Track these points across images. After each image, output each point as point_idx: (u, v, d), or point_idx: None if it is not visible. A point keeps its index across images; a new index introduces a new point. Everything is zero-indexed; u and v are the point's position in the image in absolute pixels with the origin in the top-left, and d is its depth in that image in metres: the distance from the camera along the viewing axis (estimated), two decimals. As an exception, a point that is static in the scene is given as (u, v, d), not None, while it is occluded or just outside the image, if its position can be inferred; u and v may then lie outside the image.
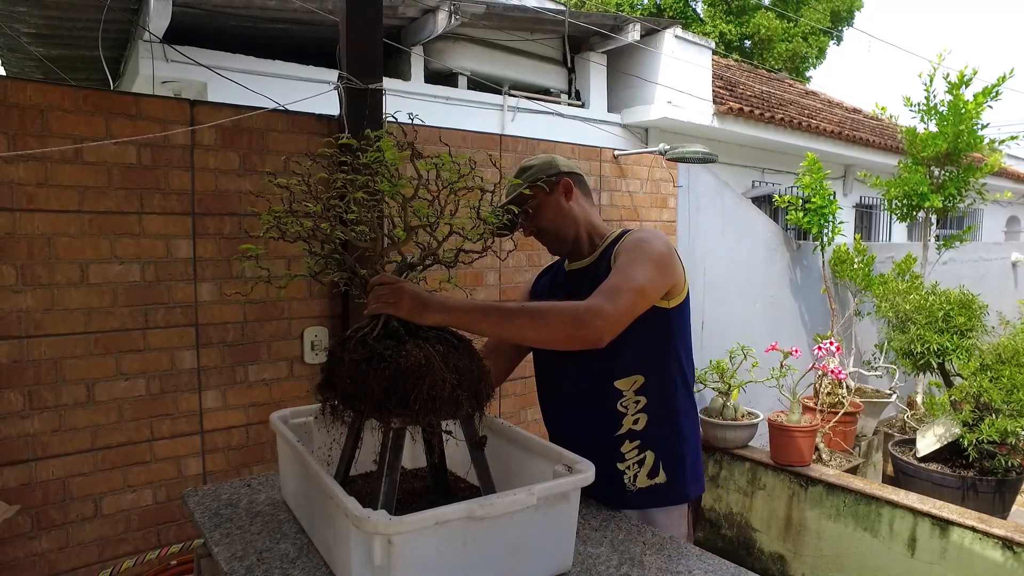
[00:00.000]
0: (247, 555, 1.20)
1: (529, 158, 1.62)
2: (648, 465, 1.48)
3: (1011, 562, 2.43)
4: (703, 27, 14.41)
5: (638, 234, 1.49)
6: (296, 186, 1.16)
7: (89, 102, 2.15)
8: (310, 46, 4.86)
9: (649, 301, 1.39)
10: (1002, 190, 6.86)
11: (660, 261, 1.42)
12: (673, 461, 1.50)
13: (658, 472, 1.49)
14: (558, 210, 1.55)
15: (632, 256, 1.41)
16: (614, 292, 1.31)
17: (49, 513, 2.14)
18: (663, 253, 1.43)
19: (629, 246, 1.45)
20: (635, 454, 1.48)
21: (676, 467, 1.50)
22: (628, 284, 1.33)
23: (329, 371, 1.22)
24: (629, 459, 1.48)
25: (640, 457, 1.48)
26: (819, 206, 5.00)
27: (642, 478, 1.49)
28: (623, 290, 1.31)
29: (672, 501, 1.50)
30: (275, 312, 2.54)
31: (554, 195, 1.54)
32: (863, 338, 5.42)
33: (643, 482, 1.48)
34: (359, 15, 2.51)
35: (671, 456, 1.50)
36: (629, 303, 1.31)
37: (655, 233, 1.50)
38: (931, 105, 5.32)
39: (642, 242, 1.45)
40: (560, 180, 1.55)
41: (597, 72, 6.61)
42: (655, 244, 1.44)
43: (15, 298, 2.05)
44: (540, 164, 1.57)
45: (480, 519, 1.04)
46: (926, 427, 3.59)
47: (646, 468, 1.48)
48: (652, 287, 1.38)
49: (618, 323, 1.29)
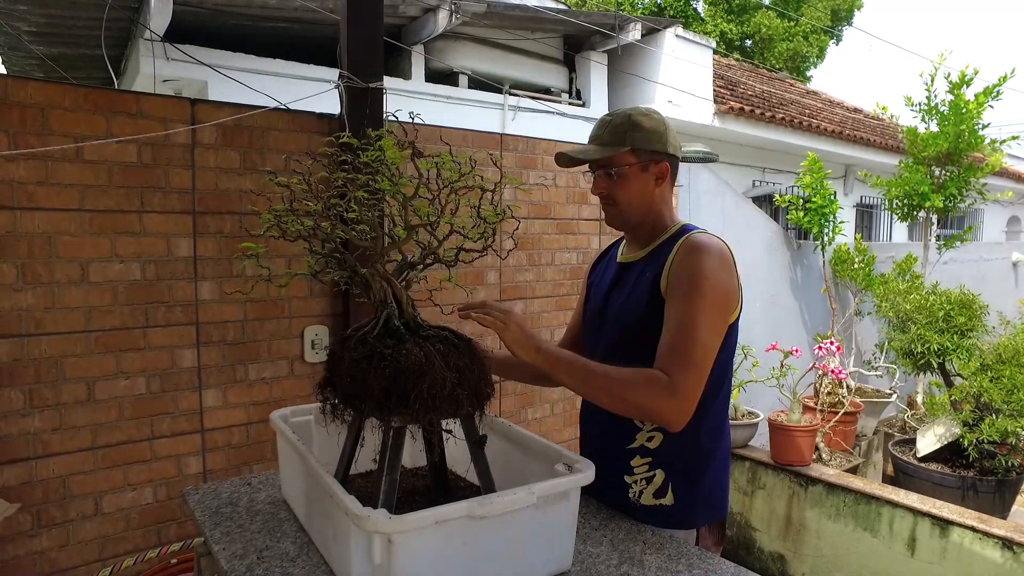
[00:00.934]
0: (247, 554, 1.20)
1: (642, 112, 1.42)
2: (656, 484, 1.39)
3: (1011, 562, 2.43)
4: (704, 26, 14.40)
5: (697, 254, 1.33)
6: (297, 185, 1.16)
7: (90, 101, 2.15)
8: (311, 45, 4.86)
9: (715, 354, 1.32)
10: (1003, 190, 6.86)
11: (723, 301, 1.32)
12: (686, 484, 1.39)
13: (666, 493, 1.39)
14: (641, 190, 1.41)
15: (692, 297, 1.29)
16: (687, 365, 1.25)
17: (49, 511, 2.14)
18: (721, 288, 1.31)
19: (687, 273, 1.31)
20: (644, 470, 1.40)
21: (688, 490, 1.39)
22: (697, 354, 1.26)
23: (329, 370, 1.22)
24: (637, 474, 1.40)
25: (649, 474, 1.40)
26: (820, 206, 5.00)
27: (647, 496, 1.40)
28: (695, 363, 1.25)
29: (678, 525, 1.39)
30: (275, 311, 2.54)
31: (647, 173, 1.41)
32: (863, 338, 5.42)
33: (648, 500, 1.40)
34: (360, 14, 2.51)
35: (685, 478, 1.39)
36: (702, 377, 1.28)
37: (711, 251, 1.33)
38: (932, 105, 5.31)
39: (702, 272, 1.30)
40: (661, 162, 1.41)
41: (598, 71, 6.61)
42: (713, 276, 1.31)
43: (16, 296, 2.05)
44: (651, 129, 1.40)
45: (480, 518, 1.04)
46: (926, 427, 3.59)
47: (653, 487, 1.39)
48: (715, 343, 1.32)
49: (694, 403, 1.27)
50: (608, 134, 1.41)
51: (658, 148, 1.40)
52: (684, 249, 1.35)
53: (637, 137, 1.39)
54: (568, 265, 3.52)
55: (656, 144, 1.40)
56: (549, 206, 3.42)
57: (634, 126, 1.39)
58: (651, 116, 1.43)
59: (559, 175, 3.45)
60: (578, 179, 3.55)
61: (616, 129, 1.40)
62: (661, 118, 1.44)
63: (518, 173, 3.25)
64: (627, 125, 1.39)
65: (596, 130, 1.45)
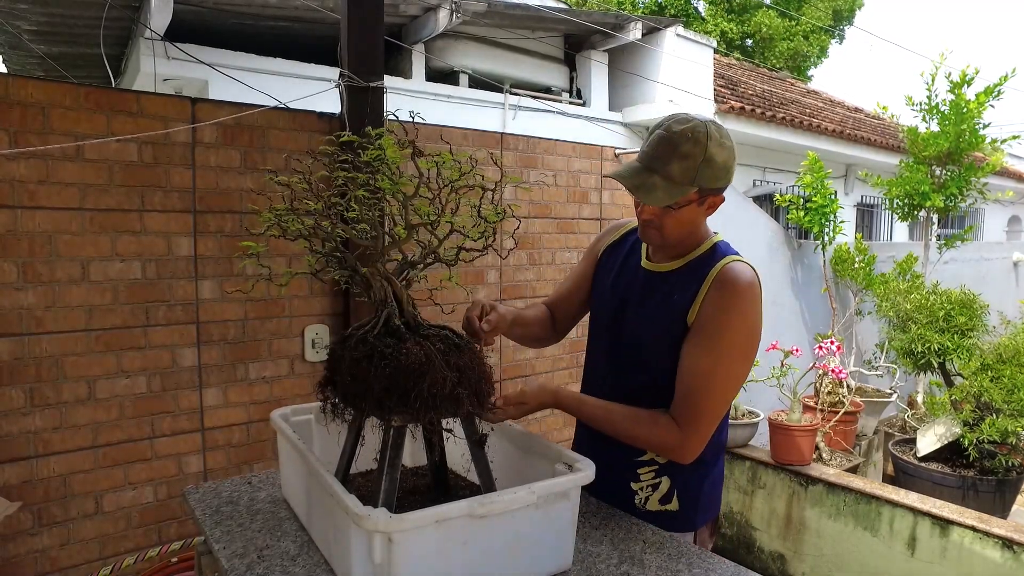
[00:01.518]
0: (248, 552, 1.20)
1: (716, 142, 1.27)
2: (662, 491, 1.42)
3: (1011, 562, 2.43)
4: (704, 25, 14.40)
5: (731, 295, 1.29)
6: (297, 184, 1.16)
7: (90, 99, 2.15)
8: (311, 44, 4.86)
9: (732, 400, 1.39)
10: (1004, 189, 6.86)
11: (750, 348, 1.32)
12: (689, 490, 1.43)
13: (671, 499, 1.42)
14: (691, 219, 1.34)
15: (719, 346, 1.28)
16: (700, 416, 1.30)
17: (50, 510, 2.14)
18: (752, 333, 1.32)
19: (718, 316, 1.29)
20: (650, 477, 1.42)
21: (692, 495, 1.43)
22: (713, 406, 1.30)
23: (330, 369, 1.22)
24: (644, 481, 1.42)
25: (655, 482, 1.42)
26: (820, 205, 5.00)
27: (653, 502, 1.42)
28: (708, 415, 1.31)
29: (679, 528, 1.42)
30: (276, 310, 2.54)
31: (703, 206, 1.33)
32: (864, 337, 5.42)
33: (653, 506, 1.42)
34: (360, 13, 2.51)
35: (688, 486, 1.42)
36: (714, 424, 1.34)
37: (745, 292, 1.30)
38: (933, 104, 5.31)
39: (733, 319, 1.29)
40: (719, 195, 1.34)
41: (598, 70, 6.60)
42: (744, 324, 1.30)
43: (16, 295, 2.05)
44: (722, 165, 1.28)
45: (480, 517, 1.04)
46: (926, 427, 3.59)
47: (659, 493, 1.42)
48: (734, 393, 1.37)
49: (703, 446, 1.34)
50: (677, 169, 1.26)
51: (721, 184, 1.31)
52: (719, 285, 1.30)
53: (707, 176, 1.27)
54: (568, 264, 3.52)
55: (721, 180, 1.30)
56: (549, 205, 3.42)
57: (708, 162, 1.26)
58: (724, 145, 1.28)
59: (559, 175, 3.46)
60: (578, 179, 3.55)
61: (688, 165, 1.26)
62: (732, 145, 1.31)
63: (518, 172, 3.25)
64: (700, 160, 1.25)
65: (661, 154, 1.27)
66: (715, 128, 1.29)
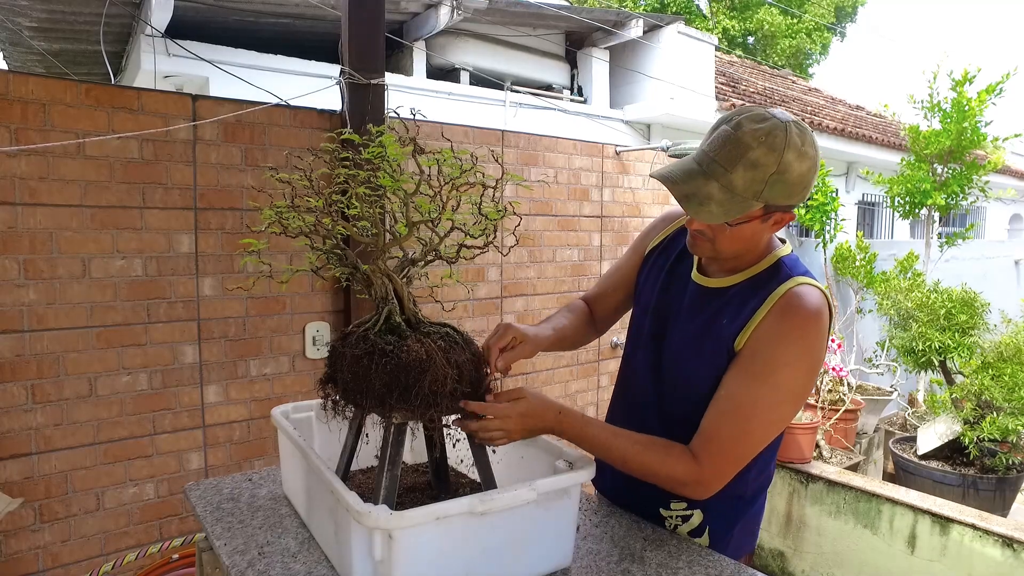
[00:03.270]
0: (248, 549, 1.21)
1: (795, 145, 1.04)
2: (692, 525, 1.29)
3: (1011, 560, 2.43)
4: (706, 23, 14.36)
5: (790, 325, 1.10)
6: (298, 181, 1.16)
7: (91, 96, 2.15)
8: (312, 41, 4.86)
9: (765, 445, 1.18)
10: (1005, 188, 6.85)
11: (802, 391, 1.14)
12: (723, 527, 1.29)
13: (702, 534, 1.29)
14: (752, 235, 1.14)
15: (762, 384, 1.10)
16: (725, 457, 1.12)
17: (52, 506, 2.15)
18: (808, 373, 1.13)
19: (767, 351, 1.11)
20: (681, 508, 1.29)
21: (725, 534, 1.29)
22: (741, 449, 1.13)
23: (331, 366, 1.22)
24: (674, 511, 1.30)
25: (687, 514, 1.29)
26: (821, 203, 4.99)
27: (682, 532, 1.31)
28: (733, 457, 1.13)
29: None
30: (277, 307, 2.54)
31: (766, 224, 1.12)
32: (865, 335, 5.42)
33: (682, 534, 1.31)
34: (361, 10, 2.51)
35: (721, 523, 1.29)
36: (739, 467, 1.15)
37: (808, 324, 1.10)
38: (935, 102, 5.30)
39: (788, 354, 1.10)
40: (787, 213, 1.12)
41: (599, 68, 6.59)
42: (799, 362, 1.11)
43: (18, 292, 2.05)
44: (797, 180, 1.06)
45: (481, 514, 1.04)
46: (927, 425, 3.59)
47: (689, 526, 1.30)
48: (770, 438, 1.17)
49: (721, 485, 1.16)
50: (742, 179, 1.04)
51: (793, 201, 1.09)
52: (779, 310, 1.11)
53: (778, 192, 1.06)
54: (569, 262, 3.52)
55: (795, 198, 1.08)
56: (550, 203, 3.42)
57: (782, 175, 1.04)
58: (806, 155, 1.05)
59: (560, 172, 3.45)
60: (579, 176, 3.55)
61: (756, 176, 1.04)
62: (816, 154, 1.07)
63: (519, 170, 3.25)
64: (772, 171, 1.04)
65: (725, 156, 1.05)
66: (798, 132, 1.05)
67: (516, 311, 3.32)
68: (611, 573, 1.15)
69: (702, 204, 1.07)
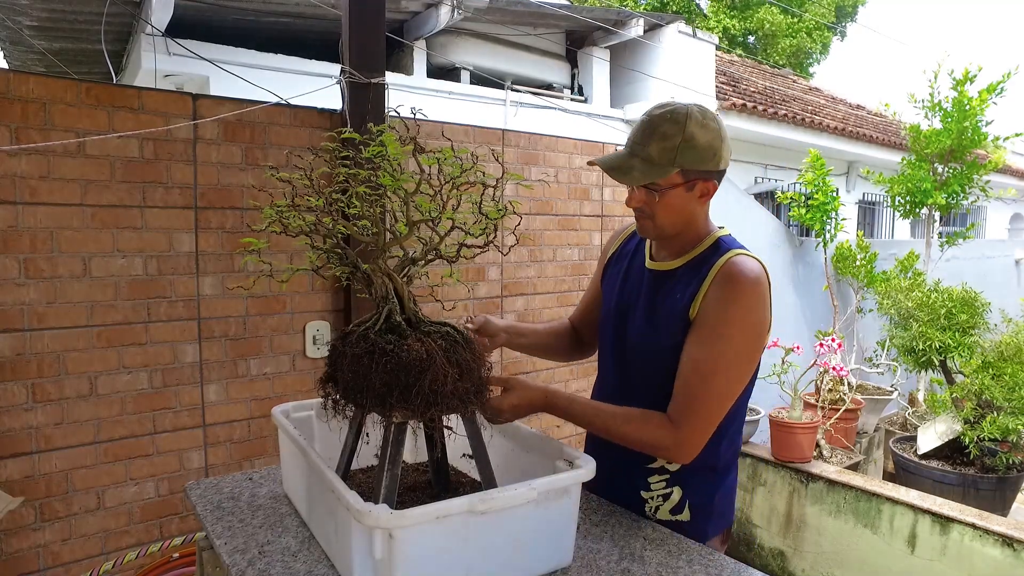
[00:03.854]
0: (249, 548, 1.21)
1: (698, 122, 1.24)
2: (673, 501, 1.38)
3: (1011, 559, 2.43)
4: (707, 22, 14.35)
5: (734, 290, 1.24)
6: (298, 180, 1.16)
7: (92, 95, 2.15)
8: (312, 40, 4.86)
9: (733, 400, 1.30)
10: (1006, 187, 6.84)
11: (749, 351, 1.26)
12: (701, 500, 1.38)
13: (683, 510, 1.38)
14: (682, 206, 1.30)
15: (719, 343, 1.23)
16: (696, 415, 1.24)
17: (52, 505, 2.15)
18: (757, 330, 1.26)
19: (720, 311, 1.24)
20: (661, 487, 1.38)
21: (704, 506, 1.38)
22: (711, 405, 1.25)
23: (331, 365, 1.22)
24: (654, 490, 1.39)
25: (666, 491, 1.38)
26: (822, 202, 4.99)
27: (664, 512, 1.39)
28: (705, 414, 1.25)
29: (692, 539, 1.36)
30: (277, 306, 2.54)
31: (692, 192, 1.29)
32: (865, 335, 5.42)
33: (664, 516, 1.39)
34: (362, 9, 2.51)
35: (700, 496, 1.38)
36: (712, 424, 1.26)
37: (748, 287, 1.24)
38: (935, 102, 5.30)
39: (736, 314, 1.24)
40: (709, 180, 1.29)
41: (600, 67, 6.59)
42: (746, 319, 1.24)
43: (18, 291, 2.06)
44: (706, 147, 1.25)
45: (481, 513, 1.04)
46: (927, 424, 3.59)
47: (670, 503, 1.38)
48: (735, 392, 1.28)
49: (701, 446, 1.27)
50: (656, 150, 1.25)
51: (709, 167, 1.27)
52: (722, 279, 1.26)
53: (688, 157, 1.24)
54: (569, 261, 3.52)
55: (708, 163, 1.26)
56: (551, 202, 3.42)
57: (687, 142, 1.23)
58: (708, 127, 1.25)
59: (560, 171, 3.45)
60: (579, 175, 3.54)
61: (666, 147, 1.24)
62: (718, 128, 1.27)
63: (520, 169, 3.25)
64: (678, 140, 1.23)
65: (641, 136, 1.27)
66: (699, 110, 1.26)
67: (516, 310, 3.32)
68: (611, 572, 1.15)
69: (626, 173, 1.28)
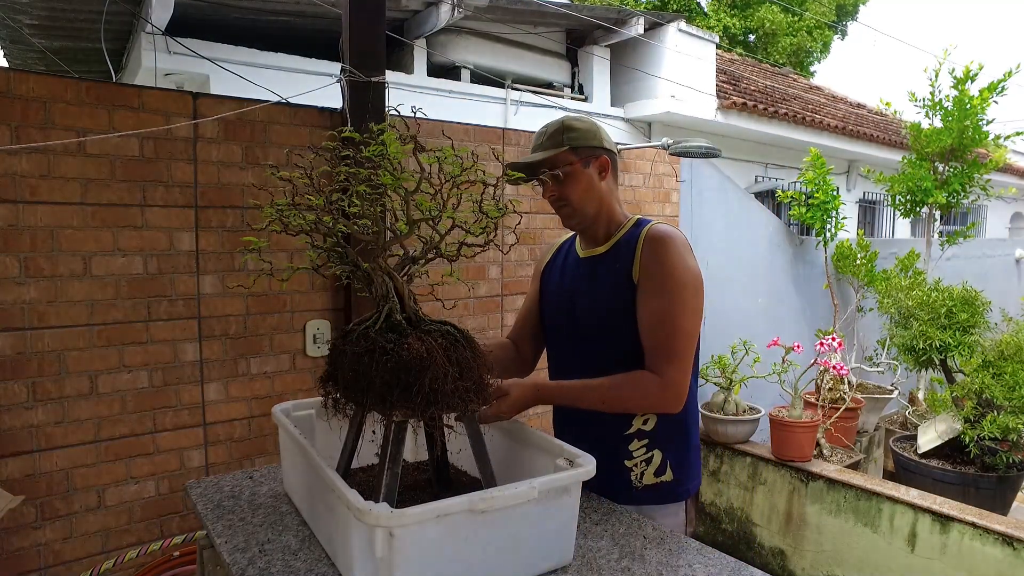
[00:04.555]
0: (249, 547, 1.21)
1: (574, 117, 1.54)
2: (655, 464, 1.49)
3: (1011, 558, 2.43)
4: (707, 21, 14.34)
5: (665, 245, 1.42)
6: (299, 179, 1.16)
7: (92, 94, 2.15)
8: (313, 39, 4.85)
9: (697, 337, 1.45)
10: (1007, 186, 6.84)
11: (694, 289, 1.41)
12: (679, 459, 1.51)
13: (665, 470, 1.50)
14: (588, 185, 1.49)
15: (669, 289, 1.39)
16: (671, 357, 1.38)
17: (53, 504, 2.15)
18: (692, 274, 1.41)
19: (660, 264, 1.41)
20: (643, 452, 1.49)
21: (682, 463, 1.51)
22: (680, 344, 1.39)
23: (331, 364, 1.22)
24: (637, 457, 1.49)
25: (648, 456, 1.49)
26: (822, 201, 4.99)
27: (648, 476, 1.49)
28: (678, 354, 1.39)
29: (673, 499, 1.52)
30: (277, 305, 2.54)
31: (589, 169, 1.49)
32: (865, 334, 5.42)
33: (650, 480, 1.49)
34: (362, 8, 2.50)
35: (677, 454, 1.51)
36: (688, 362, 1.41)
37: (676, 241, 1.43)
38: (936, 100, 5.29)
39: (674, 262, 1.40)
40: (600, 156, 1.50)
41: (600, 66, 6.59)
42: (683, 265, 1.41)
43: (18, 290, 2.06)
44: (585, 130, 1.50)
45: (481, 512, 1.04)
46: (927, 423, 3.59)
47: (653, 467, 1.49)
48: (696, 327, 1.42)
49: (686, 387, 1.42)
50: (547, 140, 1.49)
51: (594, 144, 1.49)
52: (651, 241, 1.43)
53: (573, 137, 1.47)
54: (570, 260, 3.52)
55: (592, 140, 1.49)
56: (551, 201, 3.41)
57: (568, 128, 1.48)
58: (582, 119, 1.53)
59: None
60: (580, 174, 3.54)
61: (552, 135, 1.49)
62: (592, 121, 1.54)
63: (520, 168, 3.25)
64: (561, 129, 1.49)
65: (535, 140, 1.53)
66: (573, 115, 1.56)
67: (516, 309, 3.32)
68: (611, 571, 1.16)
69: (530, 159, 1.47)
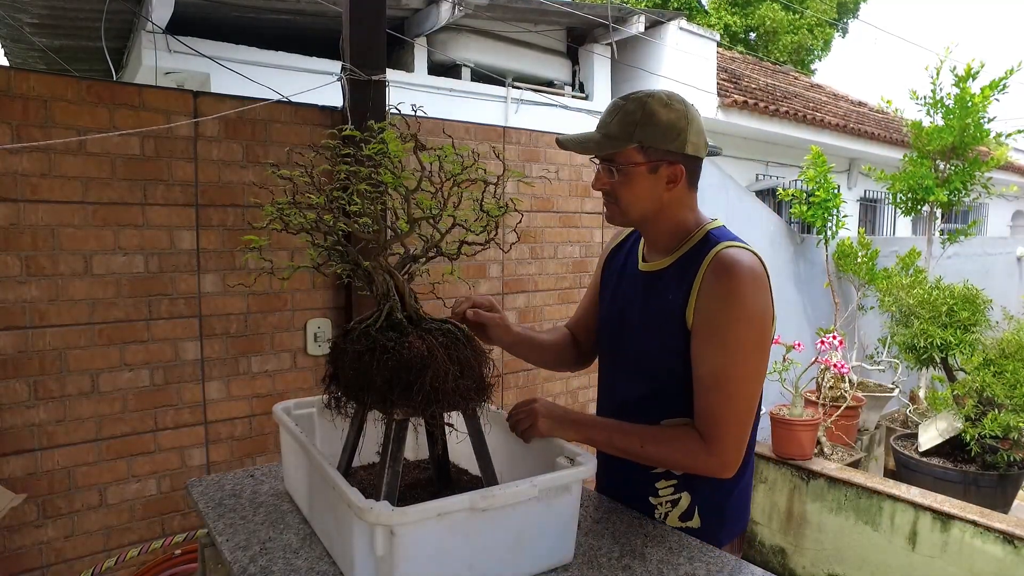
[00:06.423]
0: (250, 545, 1.21)
1: (661, 100, 1.21)
2: (682, 508, 1.33)
3: (1011, 556, 2.43)
4: (708, 19, 14.31)
5: (729, 282, 1.17)
6: (299, 177, 1.16)
7: (92, 93, 2.15)
8: (313, 37, 4.85)
9: (758, 398, 1.25)
10: (1008, 184, 6.84)
11: (762, 336, 1.19)
12: (712, 506, 1.32)
13: (692, 516, 1.33)
14: (647, 191, 1.23)
15: (728, 344, 1.17)
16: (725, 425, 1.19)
17: (55, 502, 2.15)
18: (762, 319, 1.19)
19: (720, 309, 1.17)
20: (669, 493, 1.33)
21: (716, 512, 1.33)
22: (736, 411, 1.19)
23: (332, 363, 1.22)
24: (663, 496, 1.34)
25: (675, 497, 1.33)
26: (823, 199, 4.98)
27: (673, 518, 1.34)
28: (732, 422, 1.19)
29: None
30: (278, 303, 2.54)
31: (656, 175, 1.23)
32: (866, 332, 5.41)
33: (673, 523, 1.33)
34: (362, 6, 2.50)
35: (710, 501, 1.32)
36: (745, 430, 1.22)
37: (744, 276, 1.17)
38: (937, 98, 5.29)
39: (737, 308, 1.17)
40: (675, 164, 1.22)
41: (601, 64, 6.58)
42: (750, 311, 1.17)
43: (20, 289, 2.06)
44: (667, 124, 1.20)
45: (482, 510, 1.04)
46: (928, 421, 3.59)
47: (679, 510, 1.33)
48: (758, 389, 1.23)
49: (740, 457, 1.22)
50: (616, 124, 1.21)
51: (672, 148, 1.20)
52: (713, 272, 1.19)
53: (648, 133, 1.19)
54: (571, 258, 3.52)
55: (670, 143, 1.20)
56: (552, 199, 3.42)
57: (647, 118, 1.19)
58: (671, 106, 1.21)
59: (562, 168, 3.45)
60: (581, 172, 3.54)
61: (625, 120, 1.20)
62: (684, 109, 1.22)
63: (521, 166, 3.25)
64: (638, 116, 1.19)
65: (606, 115, 1.25)
66: (666, 93, 1.23)
67: (517, 307, 3.32)
68: (612, 570, 1.16)
69: (583, 144, 1.25)
